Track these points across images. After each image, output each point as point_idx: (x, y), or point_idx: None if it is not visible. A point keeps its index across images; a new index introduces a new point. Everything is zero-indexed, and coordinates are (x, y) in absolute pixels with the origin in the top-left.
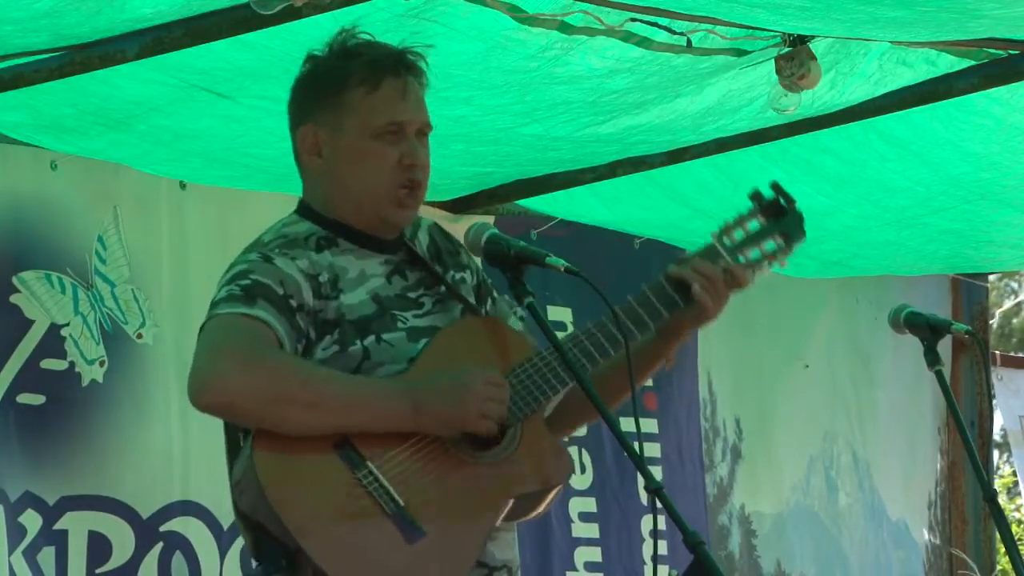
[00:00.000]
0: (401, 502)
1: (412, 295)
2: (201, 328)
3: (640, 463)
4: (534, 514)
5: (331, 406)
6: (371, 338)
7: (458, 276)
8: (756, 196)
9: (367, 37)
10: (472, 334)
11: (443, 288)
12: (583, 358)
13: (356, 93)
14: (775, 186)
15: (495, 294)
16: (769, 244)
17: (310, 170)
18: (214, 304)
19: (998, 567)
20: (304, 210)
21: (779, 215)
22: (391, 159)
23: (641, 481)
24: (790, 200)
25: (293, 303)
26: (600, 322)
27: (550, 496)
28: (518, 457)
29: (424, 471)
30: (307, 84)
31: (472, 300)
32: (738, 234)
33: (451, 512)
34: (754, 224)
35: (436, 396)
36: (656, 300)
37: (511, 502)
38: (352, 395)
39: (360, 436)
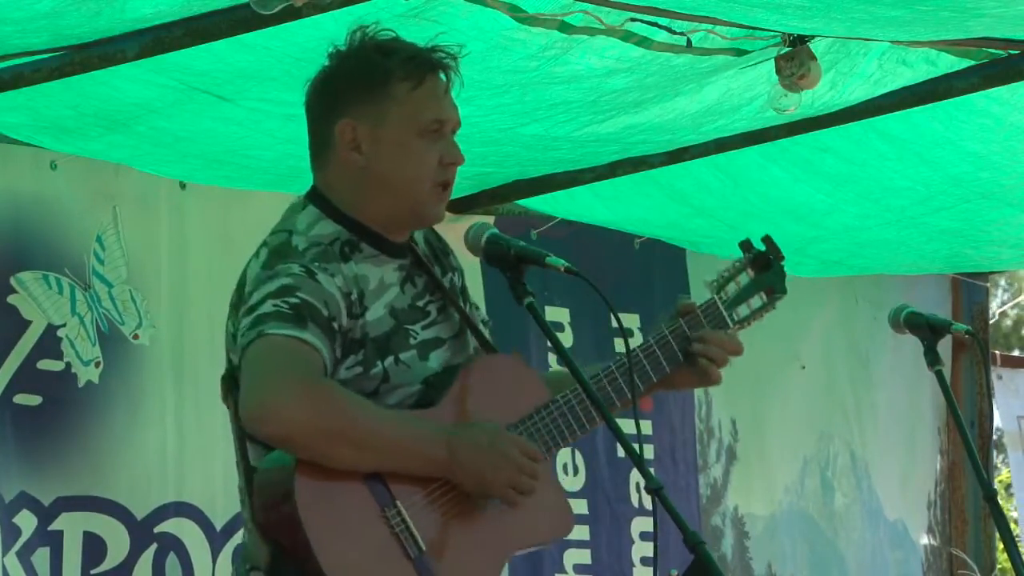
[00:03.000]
0: (423, 546)
1: (420, 303)
2: (248, 343)
3: (640, 464)
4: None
5: (377, 447)
6: (390, 359)
7: (448, 280)
8: (746, 246)
9: (391, 34)
10: (496, 373)
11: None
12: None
13: (401, 88)
14: (767, 240)
15: (471, 300)
16: (756, 301)
17: (344, 165)
18: (259, 318)
19: (997, 566)
20: (323, 204)
21: (766, 268)
22: (433, 157)
23: (633, 483)
24: (778, 255)
25: (335, 325)
26: (609, 370)
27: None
28: (529, 507)
29: (446, 516)
30: (343, 79)
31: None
32: (731, 289)
33: (466, 560)
34: (744, 278)
35: (473, 455)
36: (662, 357)
37: (517, 551)
38: (397, 438)
39: (391, 473)
